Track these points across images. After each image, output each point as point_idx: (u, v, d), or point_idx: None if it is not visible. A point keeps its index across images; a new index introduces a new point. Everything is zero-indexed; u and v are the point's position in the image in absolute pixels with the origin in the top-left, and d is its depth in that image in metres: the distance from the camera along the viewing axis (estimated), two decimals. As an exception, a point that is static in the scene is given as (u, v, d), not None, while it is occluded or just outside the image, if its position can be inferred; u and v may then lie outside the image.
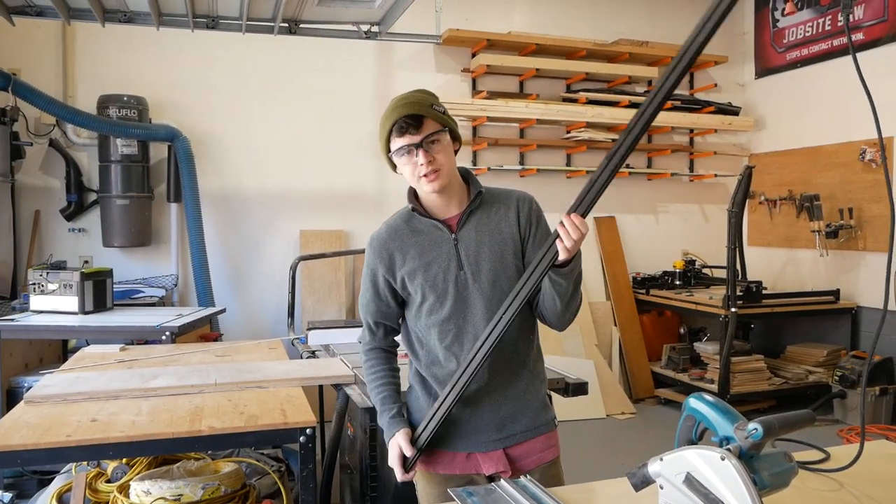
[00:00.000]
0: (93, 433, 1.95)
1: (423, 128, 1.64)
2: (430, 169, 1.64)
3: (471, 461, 1.75)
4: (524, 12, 5.85)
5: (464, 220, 1.73)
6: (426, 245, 1.73)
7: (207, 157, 5.09)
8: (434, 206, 1.75)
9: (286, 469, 2.94)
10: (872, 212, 5.27)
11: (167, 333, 3.55)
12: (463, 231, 1.72)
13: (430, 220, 1.74)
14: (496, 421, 1.74)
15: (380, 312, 1.82)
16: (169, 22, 4.41)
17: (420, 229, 1.75)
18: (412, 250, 1.74)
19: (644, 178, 6.22)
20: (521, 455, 1.75)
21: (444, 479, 1.75)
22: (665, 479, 1.20)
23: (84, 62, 4.89)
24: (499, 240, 1.72)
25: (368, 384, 1.86)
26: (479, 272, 1.70)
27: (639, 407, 5.48)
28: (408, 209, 1.78)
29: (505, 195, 1.78)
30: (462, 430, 1.74)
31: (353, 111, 5.43)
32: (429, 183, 1.66)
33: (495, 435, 1.74)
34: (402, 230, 1.77)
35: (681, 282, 5.86)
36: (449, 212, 1.75)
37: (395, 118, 1.65)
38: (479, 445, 1.74)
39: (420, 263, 1.72)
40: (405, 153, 1.66)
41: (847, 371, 4.96)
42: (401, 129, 1.64)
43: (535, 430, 1.77)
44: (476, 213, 1.74)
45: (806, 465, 1.55)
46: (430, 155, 1.64)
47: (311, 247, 5.23)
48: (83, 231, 4.91)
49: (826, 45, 5.65)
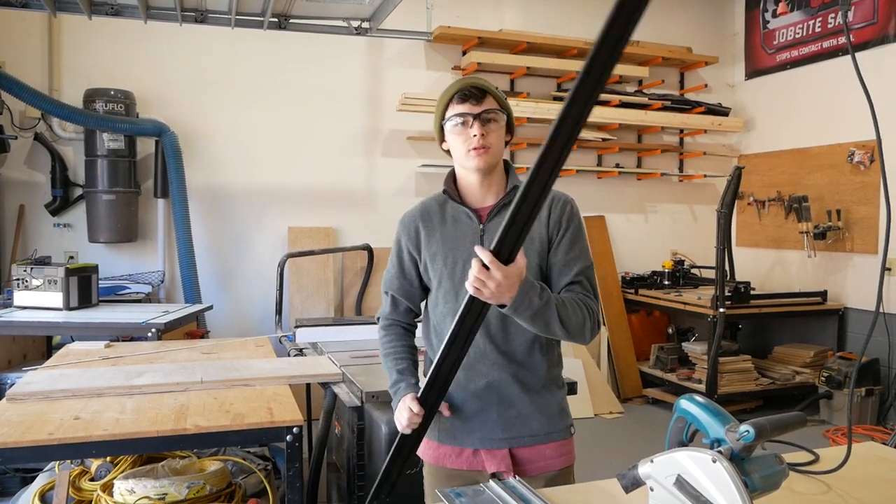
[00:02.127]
0: (76, 431, 1.92)
1: (484, 101, 1.67)
2: (482, 143, 1.65)
3: (477, 458, 1.75)
4: (516, 10, 5.84)
5: (495, 212, 1.71)
6: (453, 231, 1.74)
7: (195, 152, 5.05)
8: (471, 192, 1.75)
9: (273, 467, 2.91)
10: (860, 213, 5.30)
11: (153, 330, 3.52)
12: (492, 223, 1.71)
13: (462, 206, 1.74)
14: (505, 420, 1.72)
15: (402, 290, 1.83)
16: (157, 15, 4.36)
17: (451, 215, 1.76)
18: (438, 233, 1.75)
19: (634, 177, 6.23)
20: (527, 458, 1.73)
21: (449, 475, 1.76)
22: (655, 480, 1.19)
23: (70, 55, 4.83)
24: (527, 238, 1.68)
25: (385, 357, 1.83)
26: None
27: (627, 406, 5.48)
28: (442, 193, 1.78)
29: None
30: (469, 426, 1.74)
31: (342, 108, 5.40)
32: (476, 157, 1.66)
33: (502, 434, 1.72)
34: (433, 212, 1.78)
35: (669, 282, 5.87)
36: (484, 201, 1.74)
37: (459, 86, 1.68)
38: (486, 442, 1.73)
39: (444, 248, 1.73)
40: (460, 122, 1.67)
41: (833, 372, 4.98)
42: (464, 96, 1.66)
43: (546, 436, 1.74)
44: (509, 207, 1.71)
45: (795, 466, 1.54)
46: (485, 129, 1.65)
47: (299, 244, 5.20)
48: (68, 226, 4.86)
49: (816, 47, 5.68)
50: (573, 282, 1.67)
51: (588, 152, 6.03)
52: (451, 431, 1.75)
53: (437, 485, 1.78)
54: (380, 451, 2.37)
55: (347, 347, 3.27)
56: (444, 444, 1.77)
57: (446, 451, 1.77)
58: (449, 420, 1.75)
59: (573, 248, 1.69)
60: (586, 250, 1.72)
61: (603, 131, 5.91)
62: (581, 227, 1.73)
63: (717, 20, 6.52)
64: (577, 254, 1.69)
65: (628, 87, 6.14)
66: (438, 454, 1.78)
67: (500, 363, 1.70)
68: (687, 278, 5.95)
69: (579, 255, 1.69)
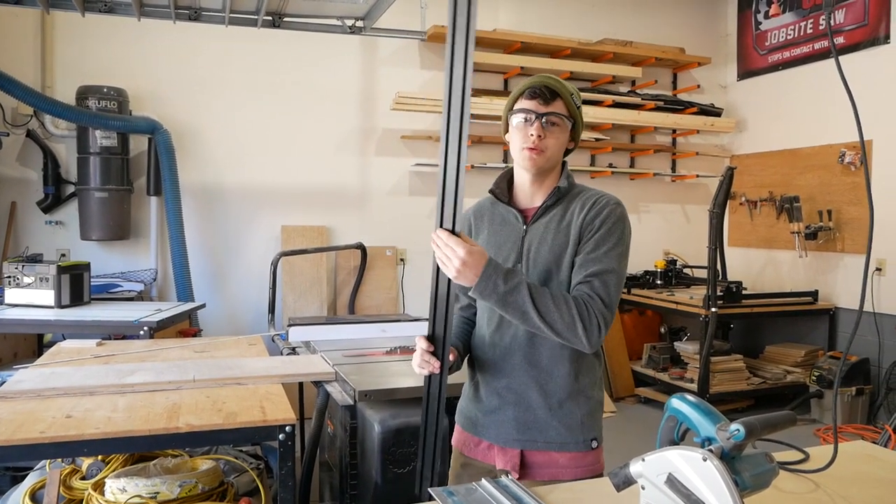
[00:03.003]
0: (67, 430, 1.92)
1: (552, 104, 1.67)
2: (536, 144, 1.65)
3: (490, 452, 1.76)
4: (510, 10, 5.84)
5: (539, 214, 1.72)
6: (498, 230, 1.76)
7: (189, 150, 5.03)
8: (522, 191, 1.76)
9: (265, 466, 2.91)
10: (851, 214, 5.33)
11: (145, 328, 3.50)
12: (535, 225, 1.72)
13: (509, 207, 1.76)
14: (520, 422, 1.71)
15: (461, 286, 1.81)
16: (151, 13, 4.35)
17: (500, 213, 1.78)
18: (486, 231, 1.79)
19: (627, 177, 6.25)
20: (538, 463, 1.71)
21: (465, 462, 1.81)
22: (647, 479, 1.19)
23: (63, 52, 4.81)
24: (562, 240, 1.67)
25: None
26: (534, 269, 1.68)
27: (619, 406, 5.50)
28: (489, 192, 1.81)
29: (589, 195, 1.72)
30: (488, 421, 1.75)
31: (336, 106, 5.40)
32: (528, 157, 1.67)
33: (516, 434, 1.71)
34: (485, 209, 1.83)
35: (662, 281, 5.89)
36: (533, 202, 1.75)
37: (533, 82, 1.68)
38: (500, 440, 1.73)
39: (487, 246, 1.75)
40: (523, 118, 1.67)
41: (824, 371, 5.01)
42: (534, 93, 1.67)
43: (562, 446, 1.69)
44: (553, 209, 1.72)
45: (784, 465, 1.56)
46: (543, 131, 1.65)
47: (292, 242, 5.19)
48: (60, 224, 4.84)
49: (807, 49, 5.71)
50: (582, 281, 1.61)
51: (581, 152, 6.04)
52: (473, 421, 1.79)
53: (454, 469, 1.85)
54: (372, 449, 2.38)
55: (340, 346, 3.27)
56: (467, 431, 1.81)
57: (466, 439, 1.81)
58: (473, 409, 1.79)
59: (597, 248, 1.63)
60: (614, 256, 1.63)
61: (596, 131, 5.92)
62: (616, 233, 1.65)
63: (709, 21, 6.54)
64: (599, 255, 1.62)
65: (621, 87, 6.16)
66: (460, 439, 1.84)
67: (523, 366, 1.69)
68: (679, 278, 5.97)
69: (601, 258, 1.62)
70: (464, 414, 1.84)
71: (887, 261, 5.01)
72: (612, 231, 1.65)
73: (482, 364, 1.77)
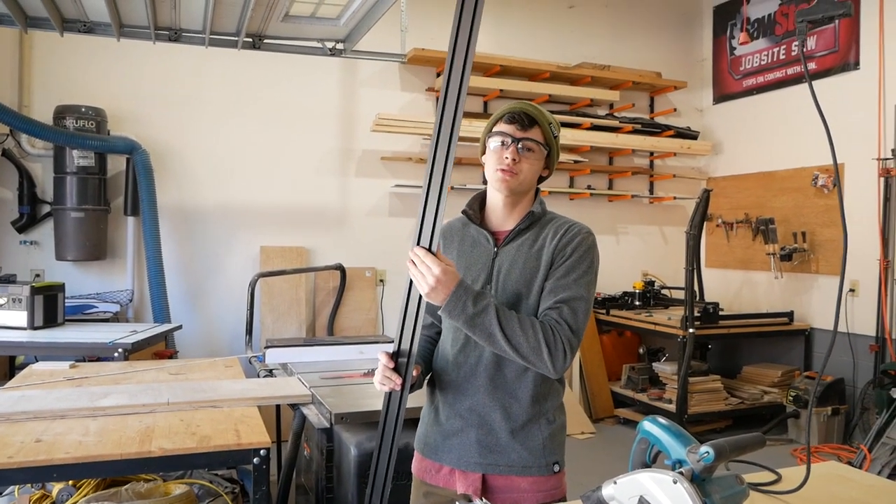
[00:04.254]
0: (36, 454, 1.89)
1: (529, 131, 1.70)
2: (510, 167, 1.68)
3: (451, 477, 1.74)
4: (489, 33, 5.91)
5: (511, 237, 1.73)
6: (469, 250, 1.77)
7: (167, 170, 5.01)
8: (494, 213, 1.77)
9: (241, 490, 2.87)
10: (825, 236, 5.42)
11: (120, 350, 3.46)
12: (506, 248, 1.73)
13: (480, 228, 1.77)
14: (482, 445, 1.69)
15: (428, 305, 1.71)
16: (130, 33, 4.34)
17: (470, 234, 1.80)
18: (455, 252, 1.79)
19: (605, 199, 6.31)
20: (499, 488, 1.69)
21: (426, 491, 1.78)
22: (619, 502, 1.20)
23: (41, 71, 4.79)
24: (533, 265, 1.68)
25: None
26: (503, 293, 1.69)
27: (598, 427, 5.51)
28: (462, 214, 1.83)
29: (562, 223, 1.74)
30: (449, 444, 1.73)
31: (316, 128, 5.41)
32: (501, 180, 1.69)
33: (478, 458, 1.70)
34: (456, 229, 1.84)
35: (640, 302, 5.93)
36: (505, 225, 1.76)
37: (513, 108, 1.72)
38: (462, 463, 1.71)
39: (457, 264, 1.75)
40: (500, 141, 1.70)
41: (800, 391, 5.06)
42: (512, 118, 1.70)
43: (524, 469, 1.67)
44: (525, 234, 1.73)
45: (757, 486, 1.57)
46: (518, 155, 1.68)
47: (271, 263, 5.17)
48: (35, 244, 4.78)
49: (781, 74, 5.83)
50: (552, 307, 1.62)
51: (560, 174, 6.09)
52: (433, 446, 1.76)
53: (416, 498, 1.81)
54: (349, 472, 2.36)
55: (318, 368, 3.25)
56: (427, 458, 1.78)
57: (427, 466, 1.78)
58: (434, 434, 1.76)
59: (567, 275, 1.64)
60: (583, 283, 1.65)
61: (575, 153, 5.98)
62: (586, 261, 1.67)
63: (685, 46, 6.66)
64: (569, 282, 1.64)
65: (600, 110, 6.24)
66: (420, 467, 1.80)
67: (488, 388, 1.69)
68: (657, 299, 6.02)
69: (570, 285, 1.63)
70: (423, 440, 1.80)
71: (860, 282, 5.09)
72: (583, 259, 1.67)
73: (445, 385, 1.75)
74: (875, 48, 5.06)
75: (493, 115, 1.78)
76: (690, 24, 6.68)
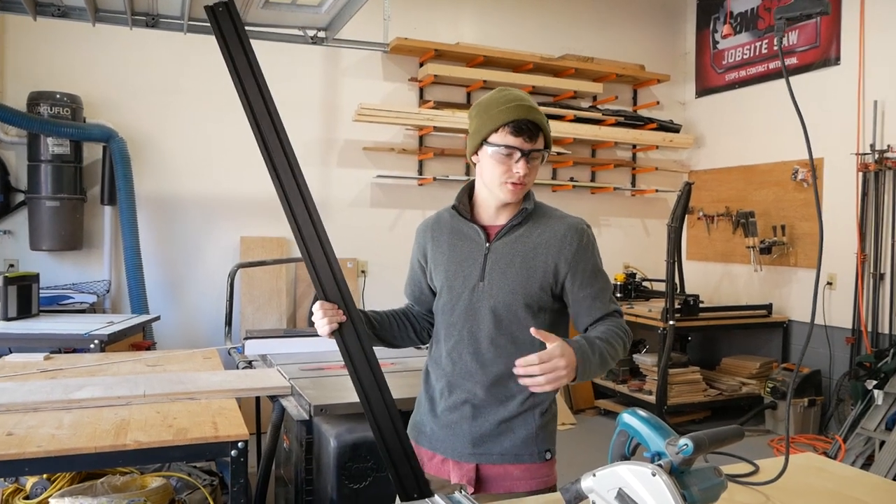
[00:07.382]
0: (8, 448, 1.85)
1: (537, 140, 1.66)
2: (522, 181, 1.65)
3: (444, 466, 1.76)
4: (473, 24, 5.88)
5: (503, 233, 1.72)
6: (459, 245, 1.76)
7: (144, 159, 4.94)
8: (485, 209, 1.75)
9: (220, 483, 2.84)
10: (803, 229, 5.47)
11: (96, 342, 3.41)
12: (498, 243, 1.71)
13: (471, 223, 1.75)
14: (475, 435, 1.71)
15: (414, 296, 1.90)
16: (106, 18, 4.26)
17: (460, 229, 1.77)
18: (445, 245, 1.78)
19: (588, 191, 6.32)
20: (493, 476, 1.72)
21: None
22: (598, 494, 1.19)
23: (14, 56, 4.69)
24: (531, 265, 1.69)
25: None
26: (499, 289, 1.68)
27: (579, 418, 5.53)
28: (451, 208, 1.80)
29: (558, 219, 1.75)
30: (442, 434, 1.75)
31: (297, 117, 5.34)
32: (511, 191, 1.67)
33: (471, 448, 1.72)
34: (445, 223, 1.81)
35: (622, 294, 5.95)
36: (496, 220, 1.75)
37: (517, 116, 1.62)
38: (455, 454, 1.73)
39: (447, 260, 1.75)
40: (506, 154, 1.64)
41: (778, 383, 5.11)
42: (520, 129, 1.62)
43: (516, 457, 1.71)
44: (518, 229, 1.72)
45: (735, 478, 1.57)
46: (529, 168, 1.65)
47: (251, 254, 5.12)
48: (9, 233, 4.70)
49: (762, 68, 5.86)
50: (607, 314, 1.72)
51: (543, 166, 6.07)
52: (428, 435, 1.78)
53: None
54: (328, 464, 2.34)
55: (298, 360, 3.22)
56: (422, 446, 1.80)
57: (422, 454, 1.79)
58: (429, 423, 1.78)
59: (596, 279, 1.73)
60: (604, 274, 1.77)
61: (558, 145, 5.98)
62: (597, 255, 1.77)
63: (669, 39, 6.68)
64: (602, 284, 1.74)
65: (583, 102, 6.23)
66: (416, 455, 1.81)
67: (483, 382, 1.71)
68: (638, 291, 6.04)
69: (604, 287, 1.74)
70: (417, 427, 1.83)
71: (838, 275, 5.15)
72: (594, 256, 1.76)
73: (440, 378, 1.78)
74: (856, 44, 5.09)
75: (481, 106, 1.71)
76: (674, 18, 6.69)
